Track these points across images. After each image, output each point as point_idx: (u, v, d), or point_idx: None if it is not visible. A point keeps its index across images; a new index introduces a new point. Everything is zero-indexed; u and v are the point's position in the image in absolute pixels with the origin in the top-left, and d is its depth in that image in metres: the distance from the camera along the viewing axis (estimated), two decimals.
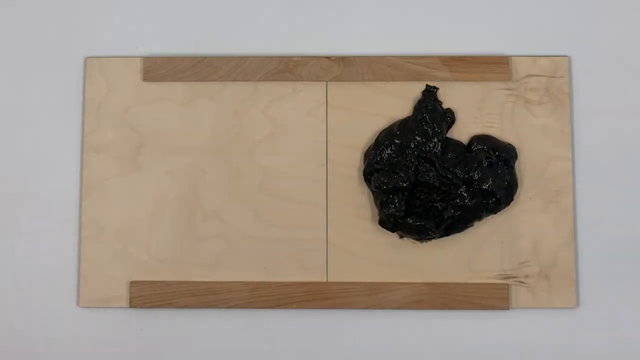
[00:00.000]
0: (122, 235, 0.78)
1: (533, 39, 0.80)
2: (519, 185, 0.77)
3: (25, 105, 0.80)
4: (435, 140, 0.77)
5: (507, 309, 0.77)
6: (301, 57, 0.79)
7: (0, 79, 0.80)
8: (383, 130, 0.78)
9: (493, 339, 0.77)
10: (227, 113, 0.79)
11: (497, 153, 0.77)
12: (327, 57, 0.79)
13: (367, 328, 0.77)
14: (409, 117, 0.78)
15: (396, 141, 0.77)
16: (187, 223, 0.78)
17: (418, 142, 0.77)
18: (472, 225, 0.77)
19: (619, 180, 0.79)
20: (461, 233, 0.77)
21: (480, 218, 0.77)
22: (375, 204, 0.77)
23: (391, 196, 0.76)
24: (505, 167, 0.77)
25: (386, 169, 0.77)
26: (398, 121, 0.78)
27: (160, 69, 0.79)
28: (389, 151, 0.77)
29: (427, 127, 0.77)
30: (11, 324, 0.74)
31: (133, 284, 0.77)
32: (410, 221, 0.76)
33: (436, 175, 0.77)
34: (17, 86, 0.80)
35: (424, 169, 0.77)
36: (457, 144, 0.78)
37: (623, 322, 0.77)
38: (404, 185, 0.76)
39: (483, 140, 0.77)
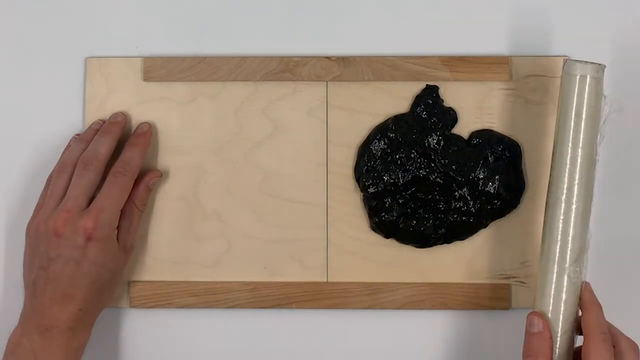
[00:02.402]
0: None
1: (533, 39, 0.80)
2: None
3: (25, 105, 0.80)
4: (434, 135, 0.76)
5: (508, 309, 0.77)
6: (301, 57, 0.79)
7: (0, 79, 0.80)
8: (376, 127, 0.78)
9: (493, 339, 0.77)
10: (227, 113, 0.79)
11: (501, 147, 0.77)
12: (327, 57, 0.79)
13: (367, 328, 0.77)
14: (405, 112, 0.78)
15: (390, 135, 0.76)
16: (187, 223, 0.78)
17: (415, 136, 0.76)
18: (476, 233, 0.77)
19: (619, 180, 0.79)
20: None
21: (485, 225, 0.77)
22: (364, 208, 0.77)
23: (383, 200, 0.76)
24: (512, 165, 0.77)
25: (378, 167, 0.76)
26: (393, 116, 0.78)
27: (160, 69, 0.79)
28: (382, 146, 0.76)
29: (426, 122, 0.76)
30: (12, 324, 0.74)
31: (133, 284, 0.77)
32: (412, 222, 0.76)
33: (436, 171, 0.76)
34: (17, 86, 0.80)
35: (422, 165, 0.76)
36: (459, 138, 0.77)
37: (623, 322, 0.77)
38: (394, 188, 0.76)
39: (485, 135, 0.77)
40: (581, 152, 0.68)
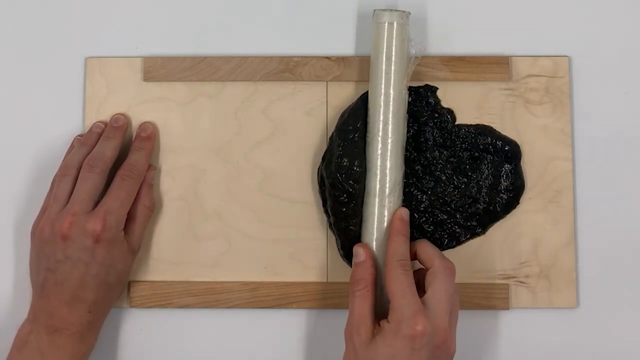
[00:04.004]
0: None
1: (533, 39, 0.80)
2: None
3: (25, 105, 0.80)
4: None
5: (507, 309, 0.77)
6: (301, 57, 0.79)
7: (0, 79, 0.80)
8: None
9: (493, 339, 0.77)
10: (227, 113, 0.79)
11: (499, 144, 0.77)
12: (327, 57, 0.79)
13: None
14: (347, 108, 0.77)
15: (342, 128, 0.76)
16: (187, 223, 0.78)
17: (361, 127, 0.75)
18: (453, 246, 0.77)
19: (619, 180, 0.79)
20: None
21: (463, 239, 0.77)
22: None
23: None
24: (509, 165, 0.77)
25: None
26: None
27: (160, 69, 0.79)
28: (336, 140, 0.75)
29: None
30: (14, 325, 0.74)
31: (133, 284, 0.77)
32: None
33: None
34: (17, 86, 0.80)
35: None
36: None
37: (623, 322, 0.77)
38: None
39: (483, 132, 0.77)
40: (393, 92, 0.73)
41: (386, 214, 0.73)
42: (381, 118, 0.73)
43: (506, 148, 0.77)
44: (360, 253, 0.71)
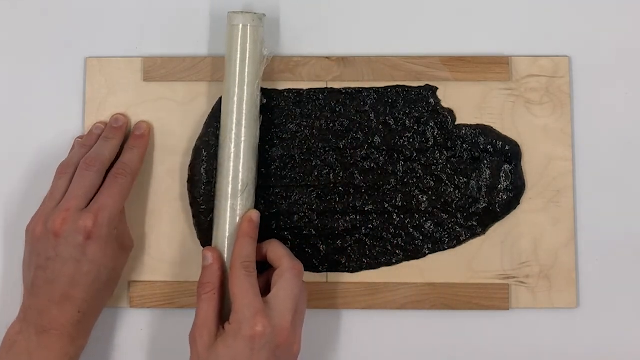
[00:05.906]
0: None
1: (533, 39, 0.80)
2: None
3: (25, 106, 0.80)
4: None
5: (507, 309, 0.77)
6: (301, 57, 0.79)
7: (0, 79, 0.80)
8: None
9: (493, 339, 0.77)
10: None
11: (499, 144, 0.77)
12: (327, 57, 0.79)
13: (367, 328, 0.77)
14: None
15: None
16: (187, 223, 0.78)
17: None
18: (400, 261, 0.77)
19: (619, 180, 0.79)
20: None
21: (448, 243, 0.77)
22: None
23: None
24: (509, 165, 0.77)
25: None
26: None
27: (160, 69, 0.79)
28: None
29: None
30: (4, 324, 0.74)
31: (133, 284, 0.77)
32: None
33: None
34: (17, 87, 0.80)
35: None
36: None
37: (623, 322, 0.77)
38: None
39: (484, 132, 0.77)
40: (247, 92, 0.74)
41: (237, 216, 0.73)
42: (234, 120, 0.73)
43: (506, 148, 0.77)
44: (208, 257, 0.72)
